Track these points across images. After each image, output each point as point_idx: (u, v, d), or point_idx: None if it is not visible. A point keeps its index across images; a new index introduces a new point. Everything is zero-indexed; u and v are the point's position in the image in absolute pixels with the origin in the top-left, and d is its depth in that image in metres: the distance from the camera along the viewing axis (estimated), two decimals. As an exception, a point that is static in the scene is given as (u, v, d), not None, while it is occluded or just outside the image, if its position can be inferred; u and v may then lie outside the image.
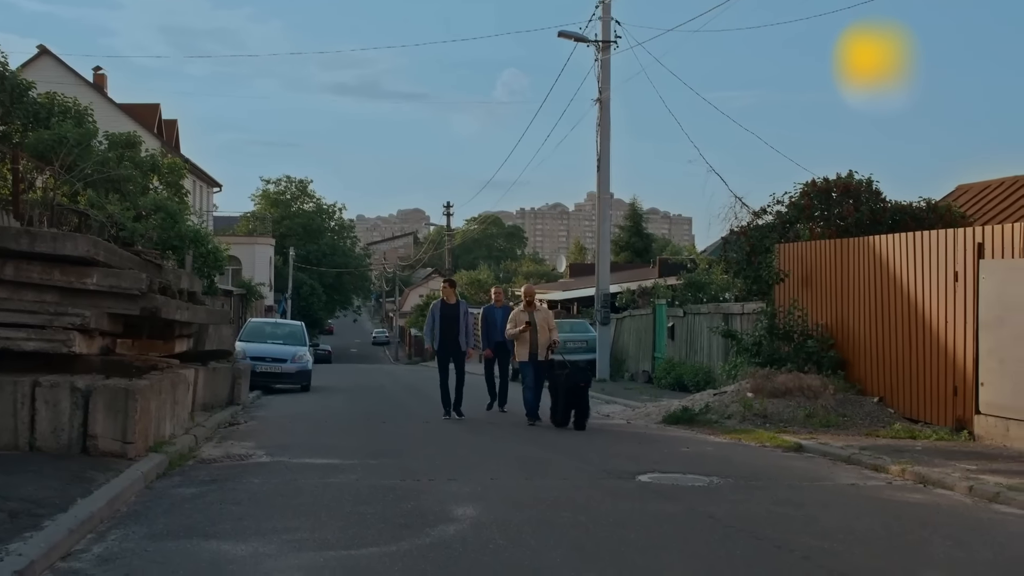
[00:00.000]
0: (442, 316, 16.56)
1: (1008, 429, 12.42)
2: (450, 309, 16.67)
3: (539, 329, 15.80)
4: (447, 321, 16.48)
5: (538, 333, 15.76)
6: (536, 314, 16.07)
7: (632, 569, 6.37)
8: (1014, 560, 7.01)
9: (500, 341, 17.10)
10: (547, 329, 15.89)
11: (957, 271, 13.84)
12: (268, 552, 6.61)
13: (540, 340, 15.75)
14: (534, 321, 15.86)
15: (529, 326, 15.76)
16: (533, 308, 16.26)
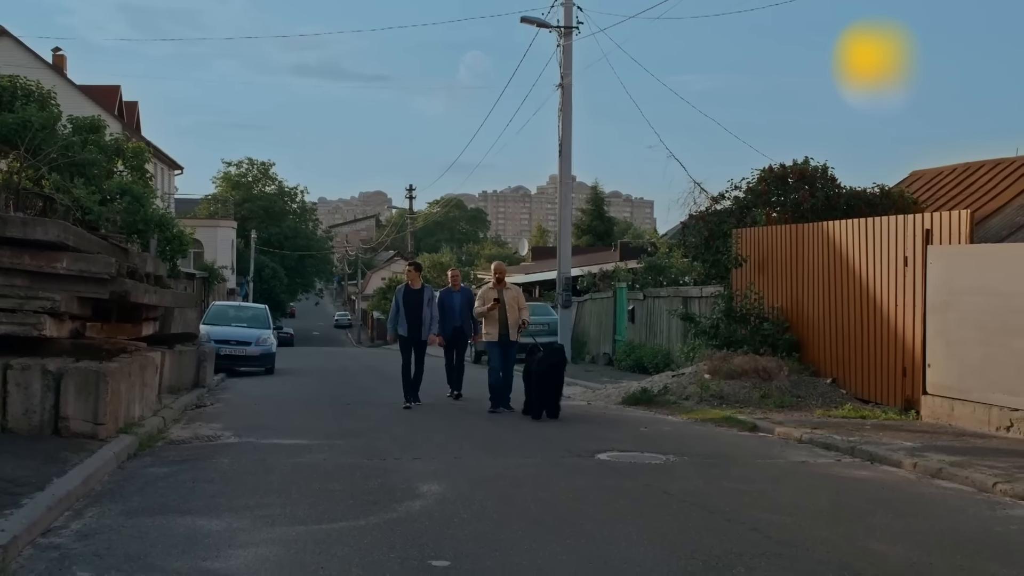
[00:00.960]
0: (406, 302, 15.85)
1: (953, 409, 12.90)
2: (414, 295, 15.95)
3: (508, 308, 15.21)
4: (411, 307, 15.78)
5: (507, 312, 15.19)
6: (505, 292, 15.43)
7: (590, 539, 6.71)
8: (949, 530, 7.41)
9: (458, 327, 16.62)
10: (516, 308, 15.35)
11: (907, 256, 14.29)
12: (242, 527, 6.88)
13: (509, 319, 15.20)
14: (503, 299, 15.24)
15: (497, 304, 15.17)
16: (503, 286, 15.54)
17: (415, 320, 15.75)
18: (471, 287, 20.00)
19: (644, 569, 5.98)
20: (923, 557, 6.48)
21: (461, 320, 16.60)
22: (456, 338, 16.85)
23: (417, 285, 16.09)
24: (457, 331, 16.69)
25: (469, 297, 16.83)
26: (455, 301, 16.78)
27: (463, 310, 16.61)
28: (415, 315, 15.75)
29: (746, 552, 6.42)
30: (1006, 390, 12.03)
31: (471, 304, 16.39)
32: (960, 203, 20.50)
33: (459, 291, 17.07)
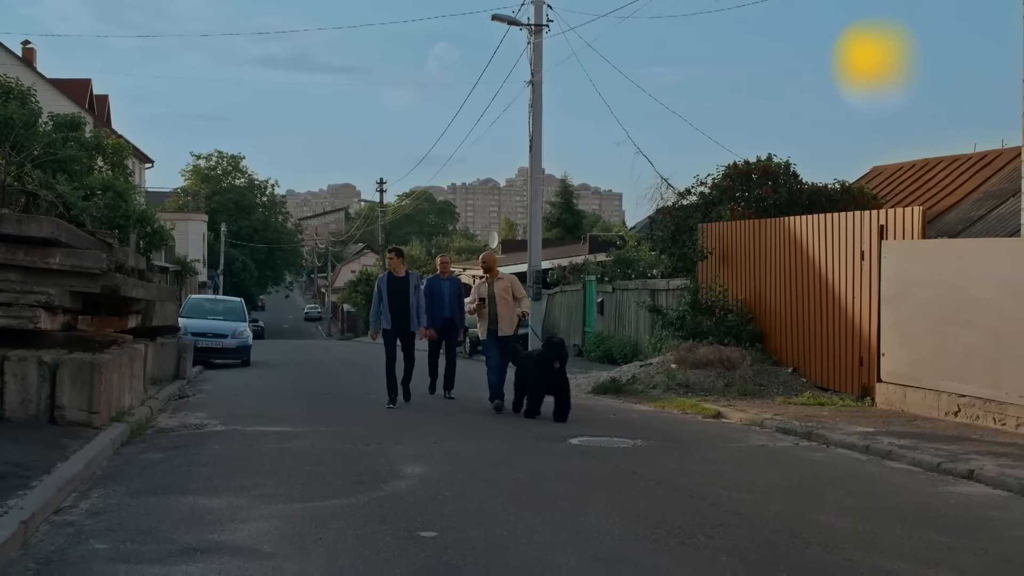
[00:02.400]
0: (389, 292, 14.52)
1: (905, 395, 13.58)
2: (398, 283, 14.61)
3: (499, 301, 14.30)
4: (395, 297, 14.48)
5: (498, 306, 14.30)
6: (496, 284, 14.46)
7: (563, 513, 7.30)
8: (893, 505, 8.05)
9: (448, 318, 15.43)
10: (510, 300, 14.34)
11: (863, 250, 14.96)
12: (241, 504, 7.42)
13: (502, 313, 14.25)
14: (492, 293, 14.37)
15: (483, 303, 14.41)
16: (494, 276, 14.63)
17: (402, 310, 14.51)
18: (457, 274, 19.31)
19: (614, 538, 6.57)
20: (867, 527, 7.11)
21: (451, 311, 15.50)
22: (445, 331, 15.53)
23: (401, 272, 14.78)
24: (447, 323, 15.47)
25: (459, 286, 15.93)
26: (444, 290, 15.60)
27: (453, 300, 15.56)
28: (401, 305, 14.49)
29: (706, 523, 7.03)
30: (954, 377, 12.72)
31: (460, 294, 15.72)
32: (919, 198, 21.28)
33: (448, 279, 15.93)
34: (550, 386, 13.02)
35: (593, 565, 5.90)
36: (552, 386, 13.01)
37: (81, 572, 5.63)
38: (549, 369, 12.92)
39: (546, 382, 13.00)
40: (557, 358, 12.96)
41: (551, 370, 12.91)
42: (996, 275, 12.15)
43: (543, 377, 13.01)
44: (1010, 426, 11.78)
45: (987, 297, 12.23)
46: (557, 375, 12.92)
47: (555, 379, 12.94)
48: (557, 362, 12.92)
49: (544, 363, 13.02)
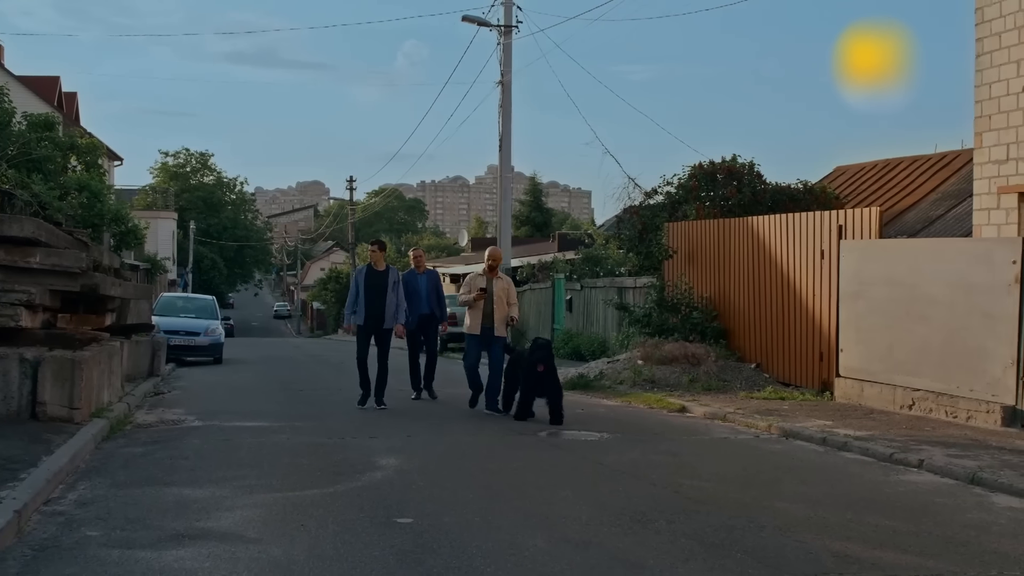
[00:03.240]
0: (367, 285, 13.91)
1: (863, 390, 14.06)
2: (377, 277, 13.98)
3: (496, 300, 13.70)
4: (373, 291, 13.85)
5: (494, 304, 13.69)
6: (496, 282, 13.83)
7: (533, 501, 7.69)
8: (845, 492, 8.48)
9: (426, 314, 15.01)
10: (504, 301, 13.79)
11: (823, 250, 15.44)
12: (224, 495, 7.75)
13: (496, 313, 13.65)
14: (492, 289, 13.72)
15: (484, 293, 13.66)
16: (494, 275, 13.95)
17: (378, 306, 13.88)
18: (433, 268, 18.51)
19: (580, 523, 6.95)
20: (819, 513, 7.53)
21: (430, 306, 15.08)
22: (423, 327, 15.12)
23: (381, 266, 14.15)
24: (425, 319, 15.05)
25: (436, 280, 15.51)
26: (420, 285, 15.13)
27: (431, 295, 15.13)
28: (378, 300, 13.87)
29: (668, 510, 7.44)
30: (908, 372, 13.21)
31: (438, 288, 15.34)
32: (880, 197, 21.83)
33: (425, 273, 15.43)
34: (540, 388, 12.62)
35: (560, 547, 6.28)
36: (542, 388, 12.60)
37: (76, 557, 5.93)
38: (534, 372, 12.54)
39: (535, 384, 12.61)
40: (540, 361, 12.51)
41: (536, 374, 12.52)
42: (948, 274, 12.64)
43: (530, 379, 12.62)
44: (961, 418, 12.28)
45: (939, 295, 12.72)
46: (544, 377, 12.51)
47: (544, 382, 12.52)
48: (541, 366, 12.48)
49: (530, 365, 12.59)
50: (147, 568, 5.69)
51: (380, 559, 5.90)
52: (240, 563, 5.81)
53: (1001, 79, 12.69)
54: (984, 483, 8.89)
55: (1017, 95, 12.44)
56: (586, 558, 6.03)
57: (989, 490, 8.69)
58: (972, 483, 8.97)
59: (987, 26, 12.93)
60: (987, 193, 12.90)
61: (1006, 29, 12.64)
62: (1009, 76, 12.60)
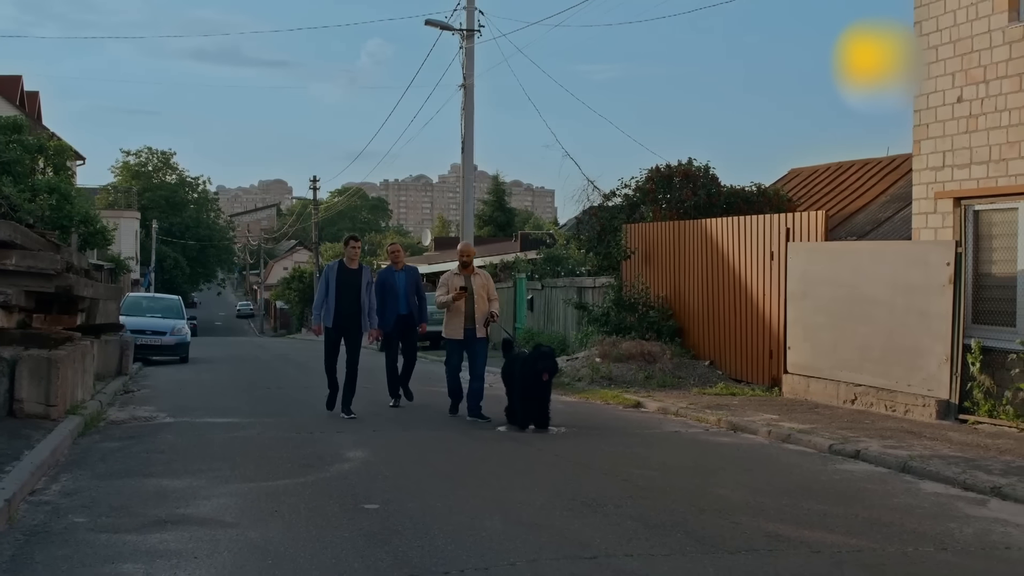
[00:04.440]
0: (339, 284, 12.95)
1: (809, 385, 14.71)
2: (350, 275, 13.04)
3: (477, 299, 12.80)
4: (345, 290, 12.92)
5: (475, 303, 12.80)
6: (474, 279, 12.93)
7: (491, 489, 8.24)
8: (784, 480, 9.08)
9: (404, 315, 13.89)
10: (486, 299, 12.93)
11: (772, 251, 16.08)
12: (201, 485, 8.23)
13: (477, 312, 12.79)
14: (471, 288, 12.80)
15: (464, 292, 12.72)
16: (470, 271, 13.07)
17: (350, 307, 12.94)
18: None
19: (535, 508, 7.50)
20: (757, 499, 8.12)
21: (408, 307, 13.96)
22: (401, 329, 14.02)
23: (355, 264, 13.20)
24: (402, 320, 13.93)
25: (416, 277, 14.29)
26: (399, 283, 13.98)
27: (410, 294, 14.01)
28: (350, 301, 12.94)
29: (616, 495, 8.01)
30: (851, 368, 13.87)
31: (419, 286, 14.25)
32: (832, 200, 22.51)
33: (403, 270, 14.24)
34: (535, 395, 11.90)
35: (515, 528, 6.82)
36: (537, 396, 11.91)
37: (66, 541, 6.39)
38: (536, 381, 11.76)
39: (534, 392, 11.86)
40: (545, 370, 11.77)
41: (539, 382, 11.77)
42: (887, 275, 13.31)
43: (531, 387, 11.84)
44: (899, 412, 12.94)
45: (880, 295, 13.38)
46: (543, 385, 11.85)
47: (541, 389, 11.89)
48: (546, 375, 11.79)
49: (530, 373, 11.79)
50: (134, 549, 6.17)
51: (350, 540, 6.42)
52: (220, 544, 6.30)
53: (938, 89, 13.35)
54: (914, 471, 9.51)
55: (952, 105, 13.10)
56: (538, 537, 6.57)
57: (918, 477, 9.31)
58: (903, 471, 9.59)
59: (925, 39, 13.58)
60: (925, 198, 13.56)
61: (942, 43, 13.30)
62: (945, 87, 13.26)
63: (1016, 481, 8.74)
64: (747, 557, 6.24)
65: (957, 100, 13.05)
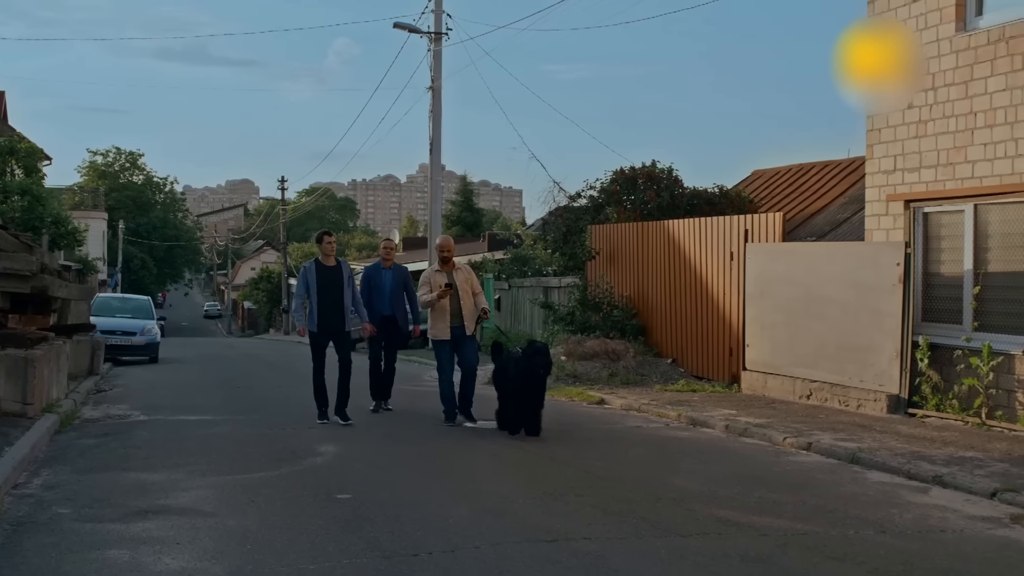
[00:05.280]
0: (320, 284, 12.28)
1: (766, 382, 15.18)
2: (329, 273, 12.38)
3: (462, 295, 12.21)
4: (326, 290, 12.26)
5: (460, 300, 12.21)
6: (456, 275, 12.32)
7: (458, 480, 8.64)
8: (738, 471, 9.51)
9: (389, 315, 13.37)
10: (471, 295, 12.34)
11: (732, 252, 16.55)
12: (179, 478, 8.56)
13: (464, 309, 12.20)
14: (455, 284, 12.20)
15: (449, 290, 12.09)
16: (452, 267, 12.42)
17: (334, 307, 12.31)
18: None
19: (499, 497, 7.90)
20: (711, 488, 8.55)
21: (393, 307, 13.44)
22: (384, 331, 13.45)
23: (332, 261, 12.55)
24: (387, 322, 13.42)
25: (404, 276, 13.73)
26: (385, 281, 13.46)
27: (396, 294, 13.46)
28: (333, 300, 12.31)
29: (577, 485, 8.42)
30: (806, 365, 14.35)
31: (407, 285, 13.66)
32: (793, 201, 23.02)
33: (392, 268, 13.65)
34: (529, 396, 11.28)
35: (481, 515, 7.21)
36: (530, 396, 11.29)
37: (52, 530, 6.71)
38: (532, 380, 11.16)
39: (527, 392, 11.24)
40: (541, 367, 11.19)
41: (535, 381, 11.18)
42: (841, 274, 13.79)
43: (524, 386, 11.23)
44: (852, 407, 13.43)
45: (834, 294, 13.87)
46: (537, 385, 11.24)
47: (535, 390, 11.25)
48: (542, 371, 11.23)
49: (526, 373, 11.19)
50: (119, 537, 6.50)
51: (323, 527, 6.78)
52: (201, 532, 6.65)
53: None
54: (862, 462, 9.98)
55: (903, 111, 13.58)
56: (503, 524, 6.96)
57: (865, 468, 9.77)
58: (852, 462, 10.06)
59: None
60: (877, 200, 14.04)
61: (893, 50, 13.79)
62: (896, 94, 13.75)
63: (957, 470, 9.22)
64: (698, 540, 6.66)
65: (907, 106, 13.53)
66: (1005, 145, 12.00)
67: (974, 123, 12.44)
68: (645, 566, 5.97)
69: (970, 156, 12.49)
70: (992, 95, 12.18)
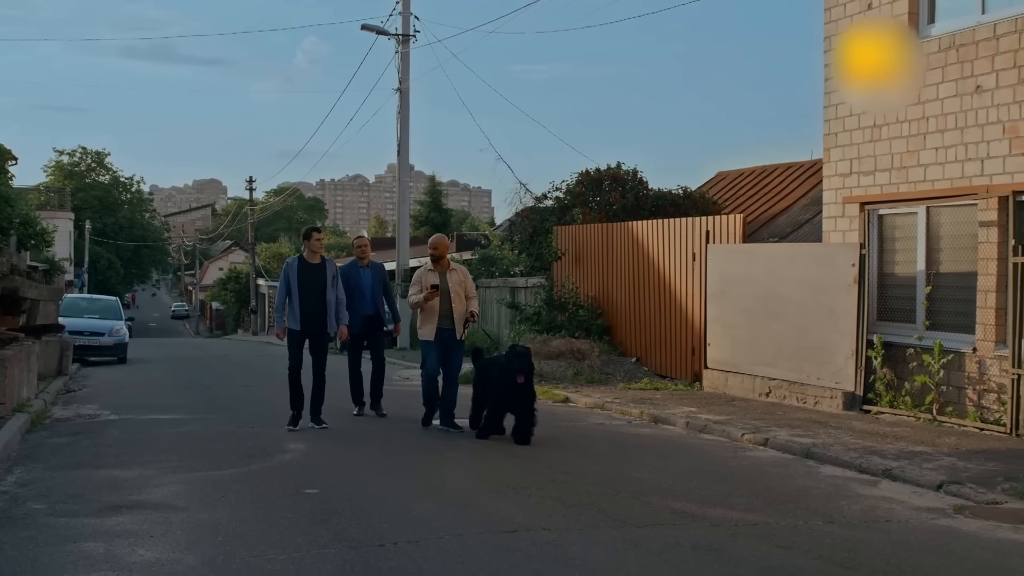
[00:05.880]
0: (301, 282, 11.79)
1: (727, 380, 15.52)
2: (313, 272, 11.88)
3: (453, 296, 11.71)
4: (308, 288, 11.78)
5: (451, 301, 11.70)
6: (449, 275, 11.86)
7: (424, 475, 8.91)
8: (696, 466, 9.82)
9: (370, 315, 13.02)
10: (462, 296, 11.87)
11: (694, 252, 16.89)
12: (151, 475, 8.76)
13: (454, 311, 11.69)
14: (446, 286, 11.74)
15: (436, 291, 11.62)
16: (446, 267, 11.99)
17: (316, 307, 11.82)
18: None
19: (464, 491, 8.17)
20: (669, 482, 8.85)
21: (374, 306, 13.11)
22: (367, 331, 13.10)
23: (317, 259, 12.05)
24: (369, 321, 13.05)
25: (382, 274, 13.46)
26: (364, 280, 13.05)
27: (376, 292, 13.14)
28: (315, 300, 11.81)
29: (539, 480, 8.70)
30: (765, 363, 14.70)
31: (386, 283, 13.43)
32: (756, 202, 23.41)
33: (369, 266, 13.28)
34: (512, 402, 10.95)
35: (445, 508, 7.48)
36: (515, 402, 10.93)
37: (28, 524, 6.91)
38: (511, 384, 10.81)
39: (509, 397, 10.91)
40: (520, 371, 10.81)
41: (514, 385, 10.80)
42: (799, 275, 14.15)
43: (504, 390, 10.93)
44: (809, 404, 13.79)
45: (792, 294, 14.22)
46: (521, 390, 10.86)
47: (519, 394, 10.88)
48: (521, 376, 10.79)
49: (506, 376, 10.86)
50: (94, 531, 6.71)
51: (293, 520, 7.02)
52: (174, 525, 6.87)
53: (845, 101, 14.21)
54: (816, 456, 10.32)
55: (858, 116, 13.95)
56: (466, 515, 7.23)
57: (819, 462, 10.11)
58: (807, 457, 10.39)
59: (833, 54, 14.44)
60: (834, 203, 14.41)
61: (849, 57, 14.16)
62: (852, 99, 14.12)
63: (906, 464, 9.57)
64: (652, 530, 6.95)
65: (863, 111, 13.90)
66: (955, 149, 12.39)
67: (926, 128, 12.83)
68: (600, 554, 6.26)
69: (922, 160, 12.87)
70: (943, 101, 12.57)
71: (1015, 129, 11.61)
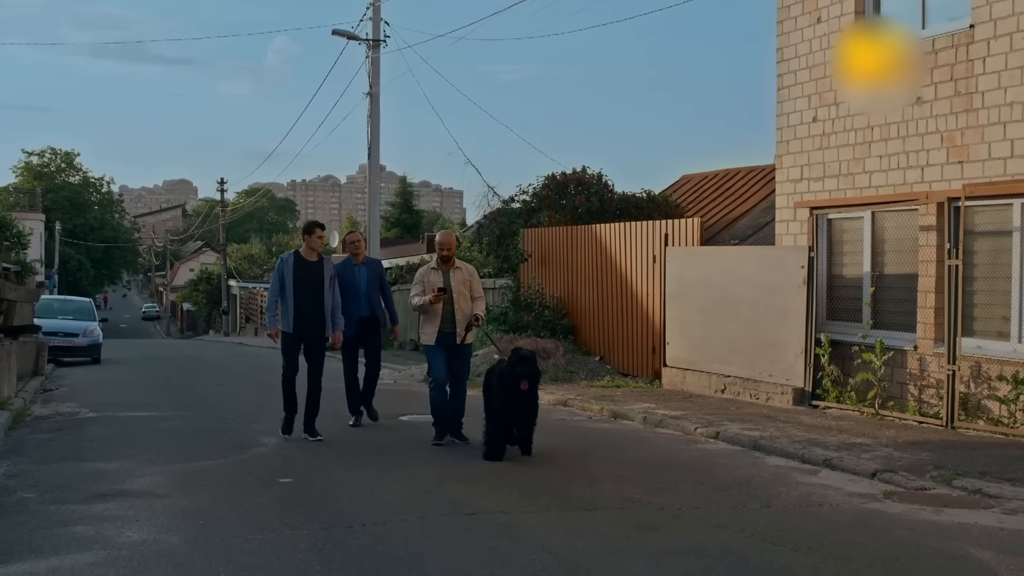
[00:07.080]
0: (296, 281, 11.05)
1: (685, 377, 16.16)
2: (310, 270, 11.16)
3: (457, 297, 10.89)
4: (305, 288, 11.05)
5: (455, 303, 10.88)
6: (454, 275, 11.00)
7: (392, 466, 9.49)
8: (651, 458, 10.41)
9: (366, 317, 12.26)
10: (467, 297, 11.02)
11: (655, 255, 17.51)
12: (133, 467, 9.28)
13: (457, 314, 10.88)
14: (450, 286, 10.88)
15: (443, 294, 10.77)
16: (451, 266, 11.10)
17: (312, 308, 11.09)
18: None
19: (428, 480, 8.75)
20: (624, 471, 9.45)
21: (370, 307, 12.34)
22: (363, 334, 12.32)
23: (314, 256, 11.36)
24: (365, 323, 12.28)
25: (379, 272, 12.68)
26: (359, 279, 12.27)
27: (372, 291, 12.34)
28: (312, 300, 11.09)
29: (500, 471, 9.30)
30: (720, 361, 15.34)
31: (383, 282, 12.69)
32: (719, 205, 24.06)
33: (365, 263, 12.47)
34: (516, 411, 10.09)
35: (411, 494, 8.06)
36: (519, 411, 10.11)
37: (20, 511, 7.41)
38: (515, 392, 9.91)
39: (514, 405, 10.02)
40: (525, 377, 9.91)
41: (518, 393, 9.91)
42: (752, 276, 14.79)
43: (508, 402, 9.98)
44: (762, 400, 14.44)
45: (745, 294, 14.86)
46: (525, 398, 10.03)
47: (523, 403, 10.06)
48: (525, 383, 9.91)
49: (510, 384, 9.94)
50: (83, 516, 7.23)
51: (268, 505, 7.57)
52: (157, 510, 7.41)
53: (796, 110, 14.87)
54: (762, 448, 10.95)
55: (809, 124, 14.62)
56: (429, 501, 7.82)
57: (765, 454, 10.73)
58: (754, 448, 11.02)
59: (785, 64, 15.10)
60: (786, 207, 15.07)
61: (800, 68, 14.82)
62: (803, 108, 14.78)
63: (846, 454, 10.21)
64: (601, 513, 7.55)
65: (812, 120, 14.57)
66: (898, 157, 13.07)
67: (871, 136, 13.51)
68: (549, 532, 6.85)
69: (868, 167, 13.55)
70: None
71: (952, 139, 12.30)
